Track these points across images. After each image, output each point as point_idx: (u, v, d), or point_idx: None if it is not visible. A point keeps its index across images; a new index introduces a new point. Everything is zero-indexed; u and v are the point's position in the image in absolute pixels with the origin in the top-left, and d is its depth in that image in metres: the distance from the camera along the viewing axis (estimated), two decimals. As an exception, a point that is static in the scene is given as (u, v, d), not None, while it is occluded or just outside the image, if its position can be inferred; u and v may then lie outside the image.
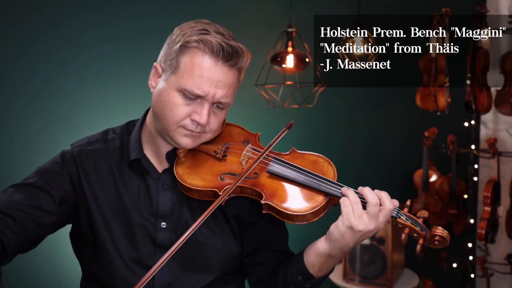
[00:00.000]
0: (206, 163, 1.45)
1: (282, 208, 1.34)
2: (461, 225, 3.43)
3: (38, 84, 2.90)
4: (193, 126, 1.37)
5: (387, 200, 1.32)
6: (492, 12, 3.57)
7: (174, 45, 1.37)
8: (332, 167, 1.42)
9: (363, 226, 1.30)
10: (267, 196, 1.36)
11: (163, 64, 1.40)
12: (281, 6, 3.32)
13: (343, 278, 3.24)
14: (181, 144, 1.40)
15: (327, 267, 1.43)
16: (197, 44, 1.34)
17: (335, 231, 1.33)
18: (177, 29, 1.41)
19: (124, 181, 1.47)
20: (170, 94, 1.36)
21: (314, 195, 1.36)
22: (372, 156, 3.75)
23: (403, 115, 3.83)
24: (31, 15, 2.85)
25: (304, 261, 1.42)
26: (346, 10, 3.52)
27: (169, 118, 1.37)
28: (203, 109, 1.36)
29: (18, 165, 2.87)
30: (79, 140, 1.53)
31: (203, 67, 1.34)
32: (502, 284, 3.69)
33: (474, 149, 3.34)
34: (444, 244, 1.31)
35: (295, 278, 1.43)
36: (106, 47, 3.01)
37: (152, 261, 1.43)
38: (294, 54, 3.01)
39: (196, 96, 1.35)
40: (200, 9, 3.27)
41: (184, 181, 1.40)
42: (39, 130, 2.91)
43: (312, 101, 3.18)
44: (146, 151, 1.49)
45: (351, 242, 1.33)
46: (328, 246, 1.36)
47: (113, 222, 1.44)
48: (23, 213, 1.35)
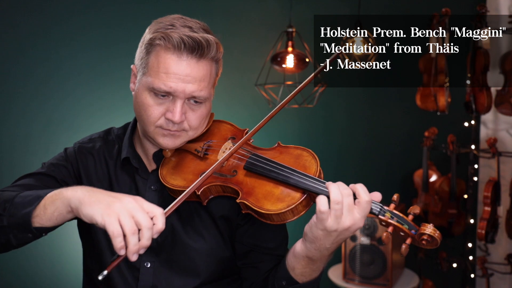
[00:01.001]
0: (189, 162, 1.41)
1: (257, 207, 1.25)
2: (461, 225, 3.43)
3: (38, 84, 2.90)
4: (169, 125, 1.35)
5: (362, 192, 1.20)
6: (492, 12, 3.57)
7: (142, 45, 1.37)
8: (316, 161, 1.32)
9: (336, 226, 1.19)
10: (243, 195, 1.28)
11: (138, 66, 1.40)
12: (281, 6, 3.32)
13: (343, 278, 3.24)
14: (162, 144, 1.38)
15: (310, 271, 1.32)
16: (160, 41, 1.31)
17: (308, 232, 1.24)
18: (148, 28, 1.41)
19: (118, 180, 1.48)
20: (142, 95, 1.35)
21: (291, 192, 1.26)
22: (372, 156, 3.75)
23: (403, 115, 3.83)
24: (31, 15, 2.85)
25: (285, 264, 1.35)
26: (346, 10, 3.52)
27: (145, 119, 1.36)
28: (176, 106, 1.32)
29: (18, 165, 2.87)
30: (83, 138, 1.57)
31: (168, 63, 1.31)
32: (502, 284, 3.69)
33: (474, 149, 3.34)
34: (434, 245, 1.18)
35: (280, 283, 1.36)
36: (106, 47, 3.01)
37: (136, 262, 1.36)
38: (294, 54, 3.01)
39: (166, 93, 1.32)
40: (200, 9, 3.27)
41: (166, 182, 1.38)
42: (39, 130, 2.91)
43: (312, 101, 3.18)
44: (138, 151, 1.50)
45: (327, 242, 1.22)
46: (304, 247, 1.27)
47: None
48: None
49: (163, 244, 1.43)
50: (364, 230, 3.17)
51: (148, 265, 1.42)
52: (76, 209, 1.15)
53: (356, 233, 3.18)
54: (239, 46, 3.30)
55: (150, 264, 1.42)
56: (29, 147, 2.89)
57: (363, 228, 3.17)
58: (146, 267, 1.42)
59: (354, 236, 3.20)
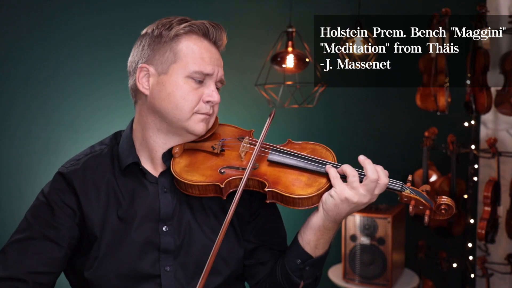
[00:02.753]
0: (204, 159, 1.44)
1: (287, 193, 1.34)
2: (461, 225, 3.43)
3: (38, 84, 2.90)
4: (207, 107, 1.41)
5: (382, 175, 1.36)
6: (492, 12, 3.57)
7: (161, 39, 1.40)
8: (331, 153, 1.45)
9: (357, 198, 1.33)
10: (270, 184, 1.36)
11: (152, 62, 1.41)
12: (281, 6, 3.32)
13: (343, 278, 3.24)
14: (196, 131, 1.42)
15: (324, 242, 1.42)
16: (191, 28, 1.40)
17: (328, 201, 1.34)
18: (152, 28, 1.43)
19: (123, 189, 1.43)
20: (178, 83, 1.38)
21: (317, 177, 1.38)
22: (372, 156, 3.71)
23: (403, 115, 3.83)
24: (31, 15, 2.85)
25: (299, 242, 1.43)
26: (346, 10, 3.52)
27: (184, 106, 1.38)
28: (212, 88, 1.41)
29: (18, 165, 2.87)
30: (68, 161, 1.49)
31: (203, 48, 1.40)
32: (502, 284, 3.69)
33: (474, 149, 3.34)
34: (451, 213, 1.36)
35: (294, 263, 1.43)
36: (106, 48, 3.01)
37: (155, 269, 1.40)
38: (294, 54, 3.01)
39: (205, 77, 1.39)
40: (200, 9, 3.27)
41: (183, 178, 1.38)
42: (39, 130, 2.91)
43: (312, 101, 3.18)
44: (140, 158, 1.47)
45: (344, 212, 1.35)
46: (322, 217, 1.37)
47: (117, 232, 1.40)
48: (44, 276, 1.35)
49: (181, 245, 1.43)
50: (364, 230, 3.17)
51: (168, 269, 1.41)
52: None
53: (356, 233, 3.19)
54: (239, 46, 3.30)
55: (169, 268, 1.41)
56: (29, 147, 2.89)
57: (363, 228, 3.17)
58: (166, 272, 1.41)
59: (354, 236, 3.20)
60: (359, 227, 3.18)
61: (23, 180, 2.85)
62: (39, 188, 1.49)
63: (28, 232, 1.37)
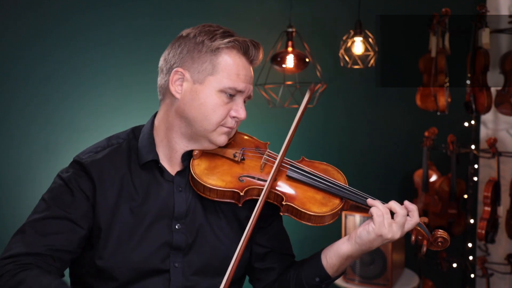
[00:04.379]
0: (224, 165, 1.48)
1: (304, 209, 1.40)
2: (461, 225, 3.43)
3: (38, 84, 2.90)
4: (232, 122, 1.45)
5: (416, 213, 1.42)
6: (492, 12, 3.57)
7: (203, 48, 1.42)
8: (342, 176, 1.52)
9: (391, 235, 1.40)
10: (287, 198, 1.42)
11: (190, 68, 1.43)
12: (281, 6, 3.32)
13: (343, 278, 3.24)
14: (218, 142, 1.46)
15: (344, 267, 1.49)
16: (233, 44, 1.43)
17: (364, 236, 1.41)
18: (194, 33, 1.44)
19: (138, 184, 1.46)
20: (211, 96, 1.42)
21: (332, 198, 1.45)
22: (372, 156, 3.75)
23: (403, 115, 3.83)
24: (31, 14, 2.85)
25: (322, 264, 1.48)
26: (346, 10, 3.52)
27: (212, 118, 1.42)
28: (240, 104, 1.45)
29: (18, 164, 2.87)
30: (84, 151, 1.50)
31: (241, 65, 1.44)
32: (502, 284, 3.69)
33: (474, 149, 3.34)
34: (446, 245, 1.45)
35: (312, 280, 1.48)
36: (106, 47, 3.01)
37: (165, 264, 1.43)
38: (294, 54, 3.00)
39: (237, 93, 1.44)
40: (200, 9, 3.27)
41: (203, 181, 1.42)
42: (39, 130, 2.91)
43: (312, 101, 3.18)
44: (158, 154, 1.49)
45: (375, 246, 1.42)
46: (353, 248, 1.43)
47: (127, 226, 1.42)
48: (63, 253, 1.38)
49: (192, 244, 1.46)
50: (364, 230, 3.17)
51: (177, 265, 1.44)
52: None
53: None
54: (239, 46, 3.29)
55: (178, 264, 1.45)
56: (29, 147, 2.89)
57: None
58: (175, 267, 1.44)
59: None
60: (359, 227, 3.18)
61: (23, 180, 2.85)
62: (39, 188, 1.49)
63: (47, 212, 1.39)
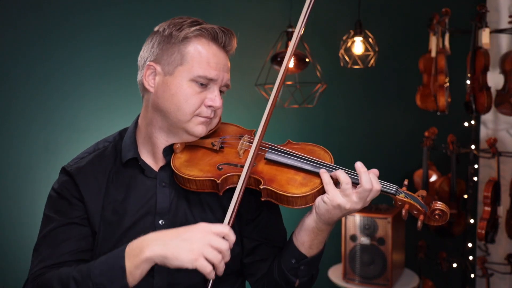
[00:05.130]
0: (203, 155, 1.47)
1: (281, 191, 1.35)
2: (461, 225, 3.43)
3: (38, 84, 2.90)
4: (208, 112, 1.44)
5: (375, 182, 1.36)
6: (492, 12, 3.58)
7: (171, 40, 1.43)
8: (329, 154, 1.47)
9: (350, 205, 1.34)
10: (265, 182, 1.38)
11: (160, 61, 1.43)
12: (281, 6, 3.32)
13: (343, 278, 3.24)
14: (196, 133, 1.45)
15: (318, 243, 1.44)
16: (200, 32, 1.42)
17: (321, 206, 1.36)
18: (164, 27, 1.45)
19: (120, 183, 1.47)
20: (182, 86, 1.41)
21: (312, 177, 1.39)
22: (372, 156, 3.75)
23: (403, 115, 3.83)
24: (31, 15, 2.85)
25: (294, 242, 1.45)
26: (346, 10, 3.52)
27: (185, 108, 1.41)
28: (215, 93, 1.43)
29: (18, 164, 2.87)
30: (73, 159, 1.54)
31: (210, 53, 1.42)
32: (502, 284, 3.69)
33: (474, 149, 3.34)
34: (445, 219, 1.36)
35: (289, 263, 1.46)
36: (106, 47, 3.01)
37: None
38: (294, 54, 3.00)
39: (209, 81, 1.42)
40: (200, 9, 3.28)
41: (181, 172, 1.41)
42: (39, 130, 2.91)
43: (312, 101, 3.18)
44: (142, 152, 1.51)
45: (336, 217, 1.37)
46: (315, 219, 1.39)
47: (111, 225, 1.44)
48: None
49: None
50: (364, 230, 3.17)
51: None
52: (163, 264, 1.26)
53: (356, 233, 3.19)
54: (239, 46, 3.28)
55: None
56: (29, 147, 2.89)
57: (363, 228, 3.17)
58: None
59: (354, 236, 3.20)
60: (359, 227, 3.18)
61: (22, 180, 2.85)
62: (39, 187, 1.51)
63: (52, 224, 1.43)
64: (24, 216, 2.83)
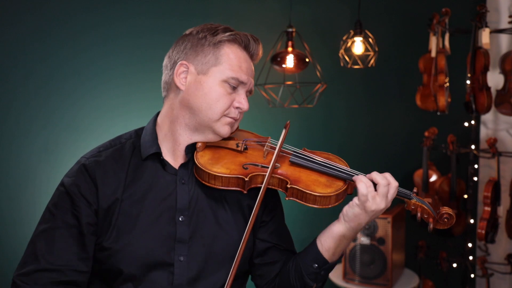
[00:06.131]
0: (227, 155, 1.53)
1: (308, 191, 1.44)
2: (461, 225, 3.43)
3: (38, 84, 2.91)
4: (235, 113, 1.51)
5: (391, 179, 1.47)
6: (492, 12, 3.58)
7: (205, 42, 1.50)
8: (344, 163, 1.56)
9: (375, 206, 1.43)
10: (292, 182, 1.46)
11: (193, 61, 1.49)
12: (281, 6, 3.32)
13: (343, 278, 3.24)
14: (221, 132, 1.51)
15: (340, 250, 1.52)
16: (234, 38, 1.51)
17: (349, 212, 1.46)
18: (197, 30, 1.51)
19: (139, 177, 1.49)
20: (215, 86, 1.48)
21: (335, 180, 1.50)
22: (372, 156, 3.75)
23: (403, 115, 3.83)
24: (31, 15, 2.85)
25: (318, 248, 1.51)
26: (346, 10, 3.52)
27: (216, 107, 1.48)
28: (243, 96, 1.51)
29: (18, 164, 2.87)
30: (89, 152, 1.54)
31: (242, 58, 1.51)
32: (502, 284, 3.69)
33: (474, 149, 3.34)
34: (452, 222, 1.49)
35: (310, 267, 1.51)
36: (106, 47, 3.01)
37: (170, 257, 1.44)
38: (294, 54, 3.01)
39: (239, 84, 1.50)
40: (200, 9, 3.28)
41: (208, 169, 1.45)
42: (39, 130, 2.91)
43: (312, 101, 3.18)
44: (161, 148, 1.53)
45: (364, 221, 1.46)
46: (343, 227, 1.48)
47: (130, 218, 1.45)
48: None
49: (195, 236, 1.47)
50: (364, 230, 3.17)
51: (182, 259, 1.46)
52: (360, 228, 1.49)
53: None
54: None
55: (183, 258, 1.46)
56: (29, 147, 2.89)
57: (363, 228, 3.17)
58: (180, 261, 1.45)
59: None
60: (359, 227, 3.18)
61: (22, 180, 2.85)
62: (39, 188, 1.51)
63: (52, 222, 1.44)
64: (25, 216, 2.83)
